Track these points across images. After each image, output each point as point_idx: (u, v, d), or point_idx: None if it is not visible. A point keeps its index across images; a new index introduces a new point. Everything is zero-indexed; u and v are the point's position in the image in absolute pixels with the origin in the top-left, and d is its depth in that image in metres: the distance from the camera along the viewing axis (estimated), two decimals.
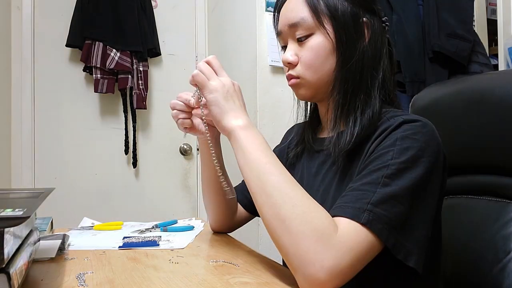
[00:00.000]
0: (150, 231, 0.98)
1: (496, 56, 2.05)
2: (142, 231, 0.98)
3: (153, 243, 0.87)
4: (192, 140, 2.40)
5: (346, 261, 0.56)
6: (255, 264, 0.71)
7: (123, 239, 0.92)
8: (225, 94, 0.71)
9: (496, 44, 2.03)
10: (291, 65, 0.77)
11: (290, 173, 0.76)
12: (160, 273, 0.67)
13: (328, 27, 0.73)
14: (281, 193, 0.61)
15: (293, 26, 0.75)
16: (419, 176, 0.62)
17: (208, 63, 0.75)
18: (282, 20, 0.78)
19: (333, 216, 0.61)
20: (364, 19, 0.74)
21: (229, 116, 0.70)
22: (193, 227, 1.02)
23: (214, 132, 0.83)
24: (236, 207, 0.95)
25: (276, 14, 0.81)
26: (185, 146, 2.37)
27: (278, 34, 0.80)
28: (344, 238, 0.57)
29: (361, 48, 0.74)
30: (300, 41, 0.75)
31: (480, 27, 2.08)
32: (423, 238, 0.63)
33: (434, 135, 0.67)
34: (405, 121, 0.67)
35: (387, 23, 0.79)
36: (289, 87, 0.80)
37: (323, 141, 0.80)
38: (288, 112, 0.92)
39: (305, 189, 0.70)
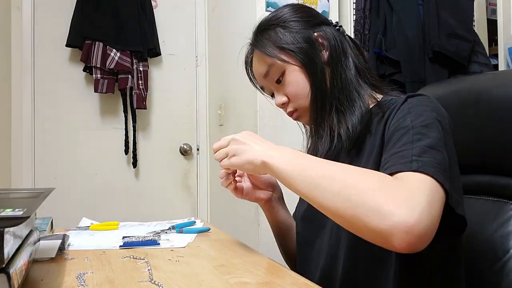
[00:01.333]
0: (166, 232, 0.97)
1: (496, 56, 2.05)
2: (157, 233, 0.97)
3: (154, 242, 0.87)
4: (192, 140, 2.40)
5: (421, 199, 0.55)
6: (255, 264, 0.71)
7: (122, 238, 0.92)
8: (236, 149, 0.74)
9: (496, 44, 2.03)
10: (285, 104, 0.85)
11: None
12: (160, 273, 0.67)
13: (291, 59, 0.81)
14: (339, 184, 0.60)
15: (266, 75, 0.84)
16: (442, 130, 0.66)
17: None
18: (257, 76, 0.88)
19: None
20: (315, 34, 0.82)
21: (257, 159, 0.71)
22: (209, 228, 1.01)
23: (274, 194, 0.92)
24: None
25: (249, 73, 0.92)
26: (185, 146, 2.37)
27: (262, 88, 0.90)
28: (405, 183, 0.58)
29: (324, 58, 0.82)
30: (279, 82, 0.84)
31: (480, 27, 2.08)
32: (461, 189, 0.66)
33: (438, 104, 0.72)
34: (409, 95, 0.73)
35: (339, 26, 0.87)
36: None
37: None
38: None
39: None
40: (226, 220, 2.14)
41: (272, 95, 0.89)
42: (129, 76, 2.11)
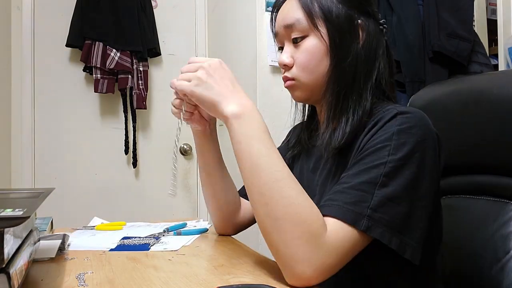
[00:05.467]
0: (163, 235, 0.95)
1: (496, 56, 2.05)
2: (154, 236, 0.95)
3: (145, 246, 0.85)
4: (192, 140, 2.39)
5: (333, 259, 0.59)
6: (255, 264, 0.71)
7: (122, 239, 0.92)
8: (205, 81, 0.68)
9: (496, 44, 2.03)
10: (286, 67, 0.77)
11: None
12: (160, 273, 0.67)
13: (322, 29, 0.74)
14: (274, 191, 0.61)
15: (288, 27, 0.76)
16: (415, 172, 0.63)
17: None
18: (278, 21, 0.79)
19: (329, 214, 0.61)
20: (359, 21, 0.75)
21: (221, 104, 0.67)
22: (207, 229, 1.00)
23: (210, 125, 0.84)
24: (239, 204, 0.94)
25: (273, 15, 0.82)
26: (185, 146, 2.37)
27: (275, 35, 0.81)
28: (334, 240, 0.59)
29: (355, 51, 0.74)
30: (296, 42, 0.76)
31: (480, 27, 2.08)
32: (423, 234, 0.64)
33: (429, 127, 0.67)
34: (399, 112, 0.67)
35: (385, 25, 0.79)
36: (285, 88, 0.80)
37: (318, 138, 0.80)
38: (288, 112, 0.93)
39: (305, 184, 0.70)
40: None
41: (280, 48, 0.81)
42: (129, 76, 2.11)
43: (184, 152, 2.37)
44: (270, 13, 0.84)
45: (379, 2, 1.90)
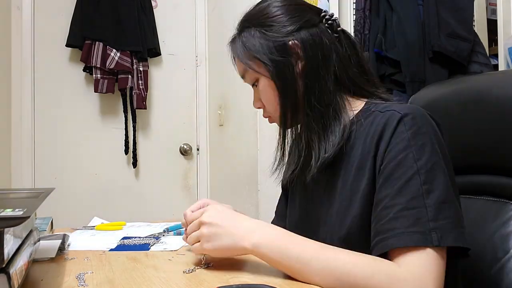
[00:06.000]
0: (163, 235, 0.96)
1: (496, 56, 2.05)
2: (154, 236, 0.95)
3: (145, 246, 0.85)
4: (192, 140, 2.40)
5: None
6: (255, 264, 0.71)
7: (122, 239, 0.92)
8: (212, 234, 0.67)
9: (496, 44, 2.03)
10: (261, 108, 0.83)
11: (293, 194, 0.81)
12: (160, 273, 0.67)
13: (261, 70, 0.76)
14: (343, 278, 0.60)
15: (243, 78, 0.82)
16: (444, 165, 0.65)
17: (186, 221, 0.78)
18: (237, 72, 0.85)
19: (397, 245, 0.60)
20: (290, 43, 0.74)
21: (237, 245, 0.66)
22: None
23: None
24: None
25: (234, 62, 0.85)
26: (185, 146, 2.37)
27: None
28: (415, 272, 0.58)
29: (295, 73, 0.75)
30: (256, 86, 0.80)
31: (480, 27, 2.08)
32: (461, 213, 0.66)
33: (429, 119, 0.69)
34: (403, 115, 0.67)
35: (333, 20, 0.78)
36: None
37: None
38: None
39: (310, 195, 0.71)
40: None
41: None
42: (129, 76, 2.11)
43: (184, 152, 2.37)
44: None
45: (379, 2, 1.90)
